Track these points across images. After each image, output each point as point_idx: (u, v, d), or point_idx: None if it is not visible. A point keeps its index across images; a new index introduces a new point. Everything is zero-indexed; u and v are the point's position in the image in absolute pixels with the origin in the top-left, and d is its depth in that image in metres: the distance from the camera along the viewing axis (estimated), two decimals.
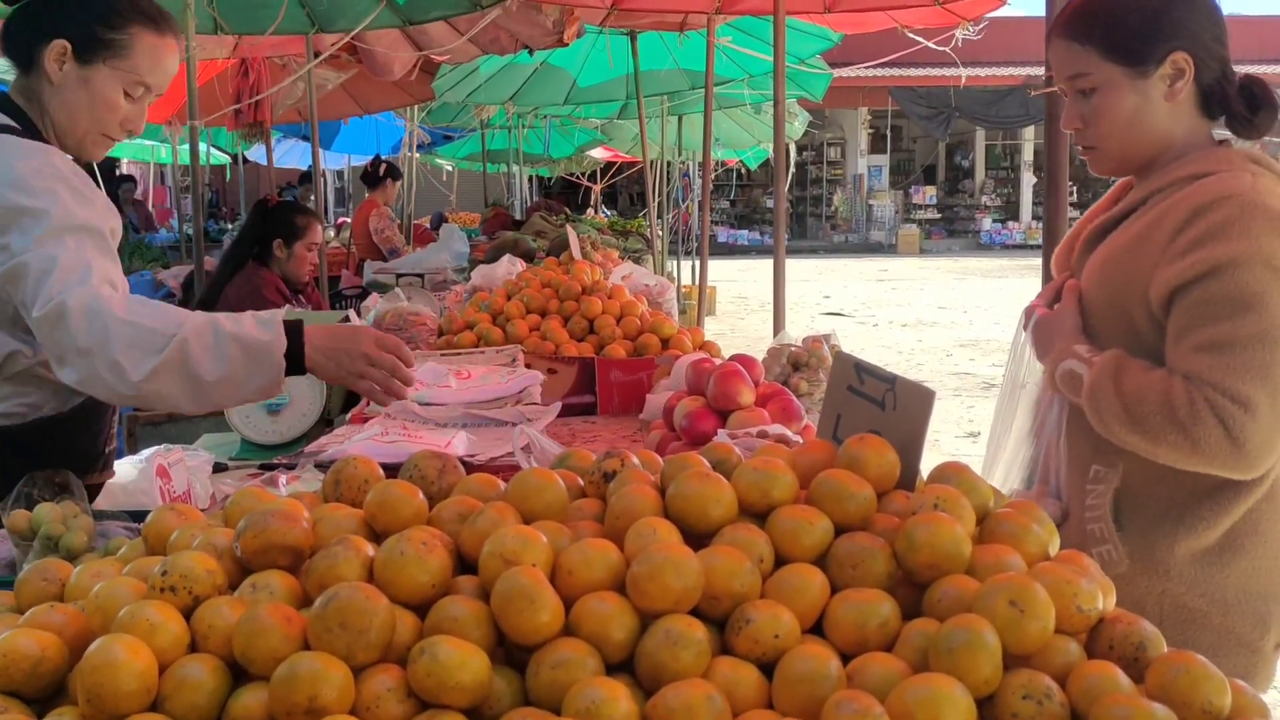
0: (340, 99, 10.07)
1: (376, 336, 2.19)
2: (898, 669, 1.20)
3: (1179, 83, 1.98)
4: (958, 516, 1.36)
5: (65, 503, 1.85)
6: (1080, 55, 2.00)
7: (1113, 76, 1.98)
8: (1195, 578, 1.95)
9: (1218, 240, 1.84)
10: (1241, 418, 1.79)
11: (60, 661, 1.23)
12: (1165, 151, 2.03)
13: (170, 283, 8.78)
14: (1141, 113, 1.99)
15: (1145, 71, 1.97)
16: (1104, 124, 2.02)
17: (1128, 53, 1.97)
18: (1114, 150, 2.04)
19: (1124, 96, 1.99)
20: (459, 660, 1.15)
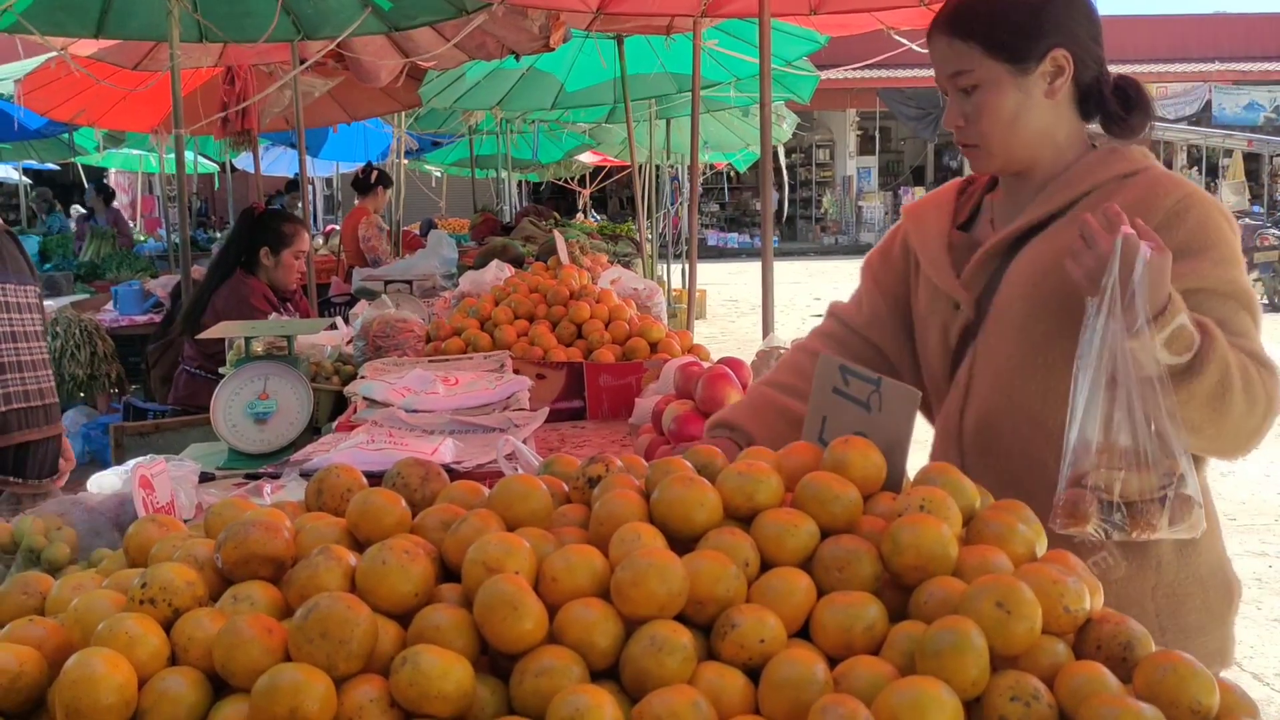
0: (327, 106, 10.04)
1: None
2: (884, 672, 1.19)
3: (1059, 80, 1.99)
4: (944, 518, 1.35)
5: (48, 515, 1.83)
6: (962, 52, 1.99)
7: (995, 74, 1.98)
8: (1179, 562, 1.95)
9: (1208, 246, 1.85)
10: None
11: (39, 675, 1.21)
12: (1047, 149, 2.03)
13: (158, 292, 8.74)
14: (1023, 110, 1.99)
15: (1026, 69, 1.97)
16: (986, 121, 2.00)
17: (1010, 50, 1.97)
18: (997, 148, 2.03)
19: (1006, 94, 1.98)
20: (442, 669, 1.14)
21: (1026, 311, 1.97)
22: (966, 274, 2.06)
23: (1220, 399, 1.75)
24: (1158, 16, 31.71)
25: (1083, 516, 1.67)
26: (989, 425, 2.01)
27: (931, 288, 2.14)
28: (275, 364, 3.34)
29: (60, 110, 9.66)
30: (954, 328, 2.08)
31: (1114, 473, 1.66)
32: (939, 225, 2.17)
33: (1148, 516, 1.71)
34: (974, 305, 2.04)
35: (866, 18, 7.07)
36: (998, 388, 2.00)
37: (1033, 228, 2.01)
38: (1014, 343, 1.98)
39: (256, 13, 6.69)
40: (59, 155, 16.43)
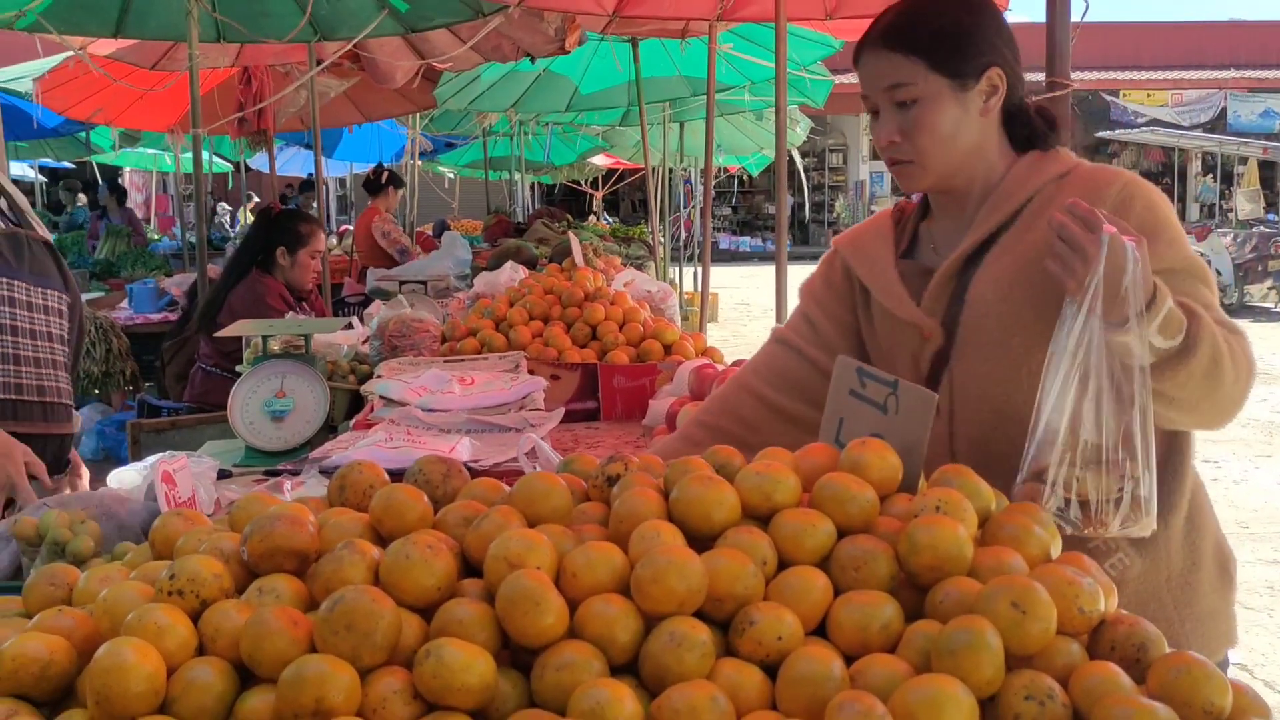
0: (343, 107, 10.08)
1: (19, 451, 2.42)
2: (900, 670, 1.21)
3: (993, 99, 2.00)
4: (960, 519, 1.37)
5: (72, 510, 1.86)
6: (904, 66, 1.97)
7: (936, 88, 1.97)
8: (1186, 549, 1.97)
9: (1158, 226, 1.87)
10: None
11: (69, 665, 1.24)
12: (980, 166, 2.04)
13: (173, 290, 8.77)
14: (961, 126, 1.99)
15: (967, 85, 1.98)
16: (925, 136, 1.99)
17: (952, 66, 1.97)
18: (934, 164, 2.02)
19: (946, 109, 1.98)
20: (465, 662, 1.15)
21: (1001, 326, 1.95)
22: (927, 301, 2.04)
23: (1214, 373, 1.77)
24: (1173, 23, 31.66)
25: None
26: (982, 445, 1.98)
27: (890, 320, 2.11)
28: (292, 362, 3.36)
29: (78, 109, 9.72)
30: (924, 356, 2.05)
31: (1075, 470, 1.67)
32: (884, 255, 2.15)
33: (1101, 516, 1.71)
34: (941, 330, 2.02)
35: None
36: (985, 407, 1.98)
37: (983, 244, 2.00)
38: (993, 360, 1.96)
39: (274, 13, 6.72)
40: (75, 153, 16.50)
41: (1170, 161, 29.26)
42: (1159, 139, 24.74)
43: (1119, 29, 28.53)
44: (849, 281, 2.21)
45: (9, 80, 10.19)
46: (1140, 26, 30.43)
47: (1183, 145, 25.70)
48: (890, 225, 2.20)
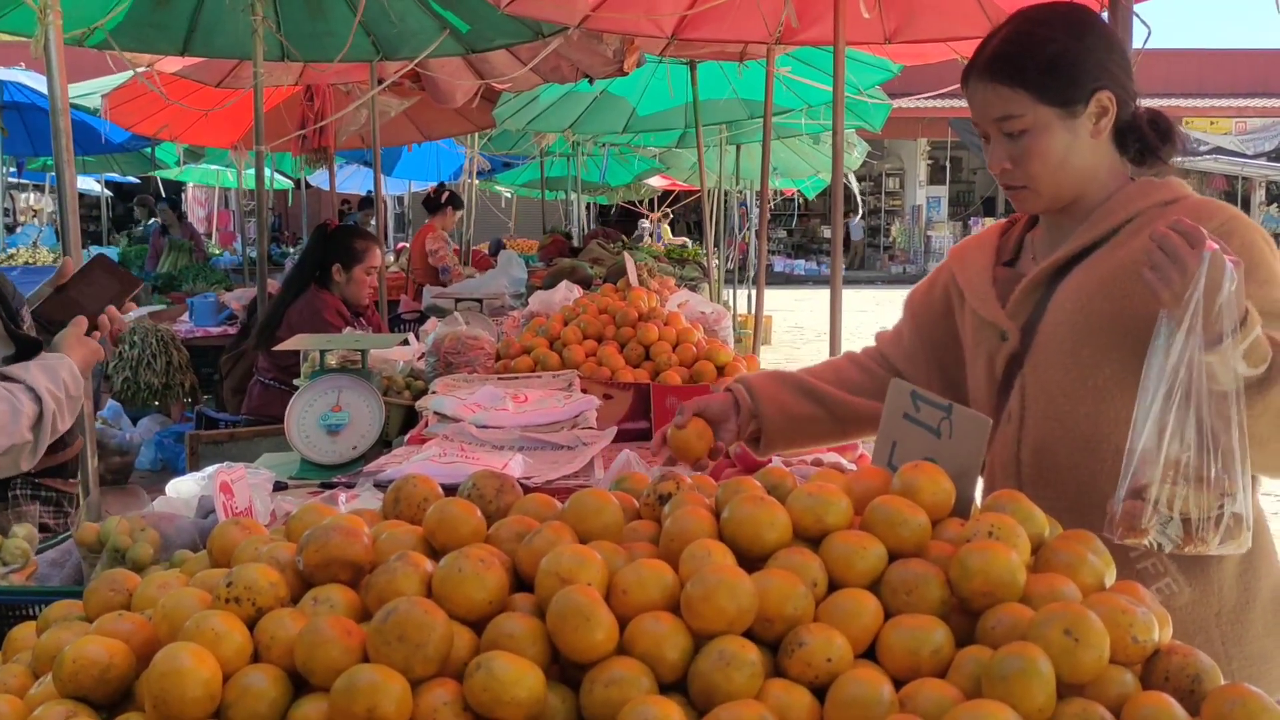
0: (402, 125, 10.19)
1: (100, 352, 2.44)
2: (950, 695, 1.20)
3: (1104, 120, 2.01)
4: (1012, 544, 1.36)
5: (132, 517, 1.89)
6: (1009, 98, 2.00)
7: (1045, 118, 1.99)
8: (1240, 587, 1.94)
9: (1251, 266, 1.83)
10: None
11: (128, 669, 1.26)
12: (1092, 185, 2.05)
13: (233, 305, 8.89)
14: (1071, 151, 2.01)
15: (1075, 111, 1.99)
16: (1035, 164, 2.01)
17: (1059, 95, 1.98)
18: (1045, 189, 2.04)
19: (1056, 137, 2.00)
20: (515, 676, 1.16)
21: (1074, 336, 1.98)
22: (1012, 303, 2.08)
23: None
24: (1237, 50, 31.29)
25: (1141, 529, 1.68)
26: (1045, 453, 2.01)
27: (977, 320, 2.15)
28: (349, 377, 3.40)
29: (144, 125, 9.90)
30: (1000, 358, 2.08)
31: (1175, 488, 1.66)
32: (982, 262, 2.19)
33: (1202, 533, 1.71)
34: (1019, 334, 2.05)
35: (941, 47, 7.06)
36: (1051, 415, 2.00)
37: (1075, 256, 2.03)
38: (1063, 368, 1.99)
39: (337, 33, 6.82)
40: (140, 169, 16.81)
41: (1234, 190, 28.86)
42: (1222, 167, 24.46)
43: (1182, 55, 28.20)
44: (947, 292, 2.27)
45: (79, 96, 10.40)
46: (1204, 53, 30.08)
47: (1246, 174, 25.37)
48: (995, 235, 2.25)
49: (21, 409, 2.15)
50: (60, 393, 2.22)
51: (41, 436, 2.18)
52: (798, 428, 2.30)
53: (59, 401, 2.22)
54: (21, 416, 2.14)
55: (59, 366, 2.27)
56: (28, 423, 2.15)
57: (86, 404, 2.60)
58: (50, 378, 2.23)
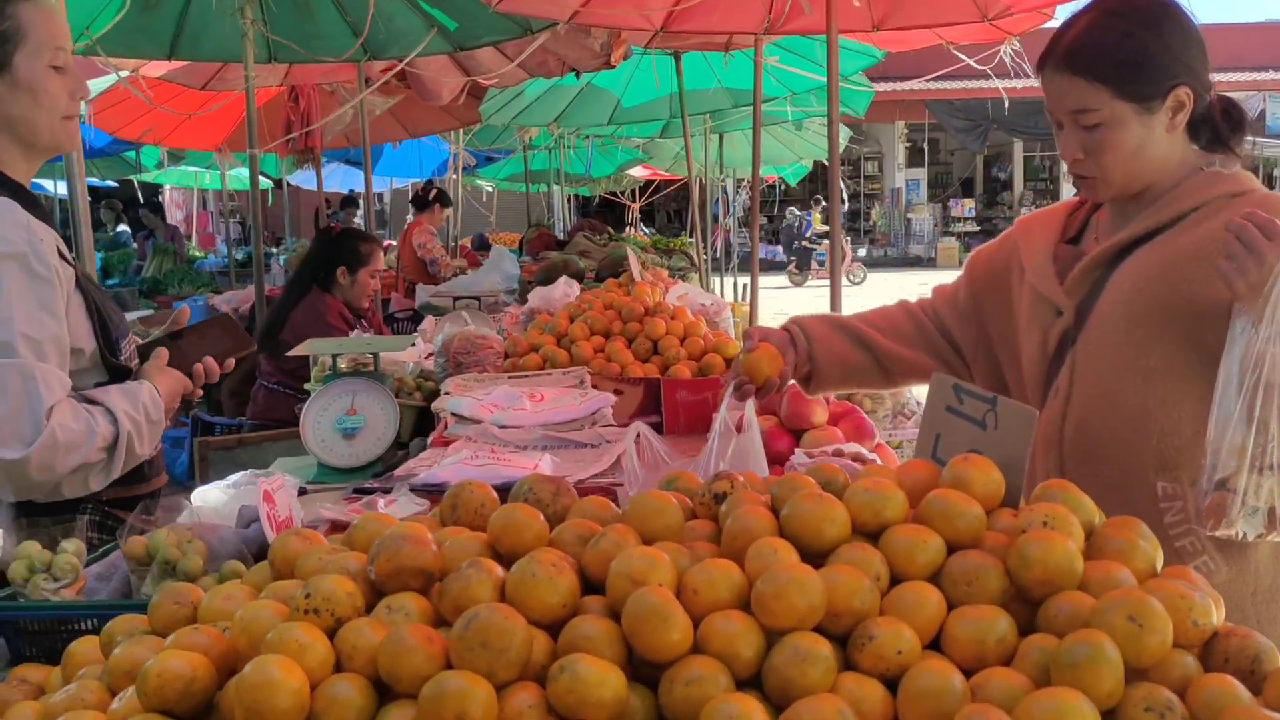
0: (387, 123, 10.19)
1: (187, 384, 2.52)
2: (1019, 683, 1.23)
3: (1179, 115, 2.04)
4: (1068, 534, 1.39)
5: (179, 529, 1.91)
6: (1088, 91, 2.03)
7: (1121, 113, 2.02)
8: (1276, 568, 1.98)
9: None
10: None
11: (210, 681, 1.28)
12: (1162, 175, 2.08)
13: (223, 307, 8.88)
14: (1145, 145, 2.04)
15: (1153, 108, 2.02)
16: (1109, 157, 2.05)
17: (1138, 91, 2.01)
18: (1116, 180, 2.08)
19: (1131, 131, 2.03)
20: (599, 677, 1.19)
21: (1128, 316, 2.02)
22: (1070, 281, 2.13)
23: None
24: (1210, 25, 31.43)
25: (1229, 519, 1.73)
26: (1089, 431, 2.05)
27: (1034, 295, 2.20)
28: (362, 380, 3.41)
29: (128, 129, 9.88)
30: (1053, 333, 2.14)
31: (1261, 477, 1.71)
32: (1046, 238, 2.24)
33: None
34: (1075, 311, 2.10)
35: (926, 33, 7.11)
36: (1099, 393, 2.05)
37: (1137, 239, 2.06)
38: (1115, 347, 2.04)
39: (326, 34, 6.82)
40: (121, 172, 16.74)
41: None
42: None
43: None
44: (1010, 260, 2.32)
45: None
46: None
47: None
48: (1063, 213, 2.29)
49: (97, 429, 2.16)
50: (139, 415, 2.24)
51: (115, 458, 2.19)
52: (847, 374, 2.40)
53: (137, 424, 2.24)
54: (96, 437, 2.16)
55: (139, 390, 2.29)
56: (101, 443, 2.17)
57: None
58: (130, 402, 2.25)
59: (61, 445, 2.12)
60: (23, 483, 2.15)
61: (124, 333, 2.45)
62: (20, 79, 2.25)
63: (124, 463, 2.26)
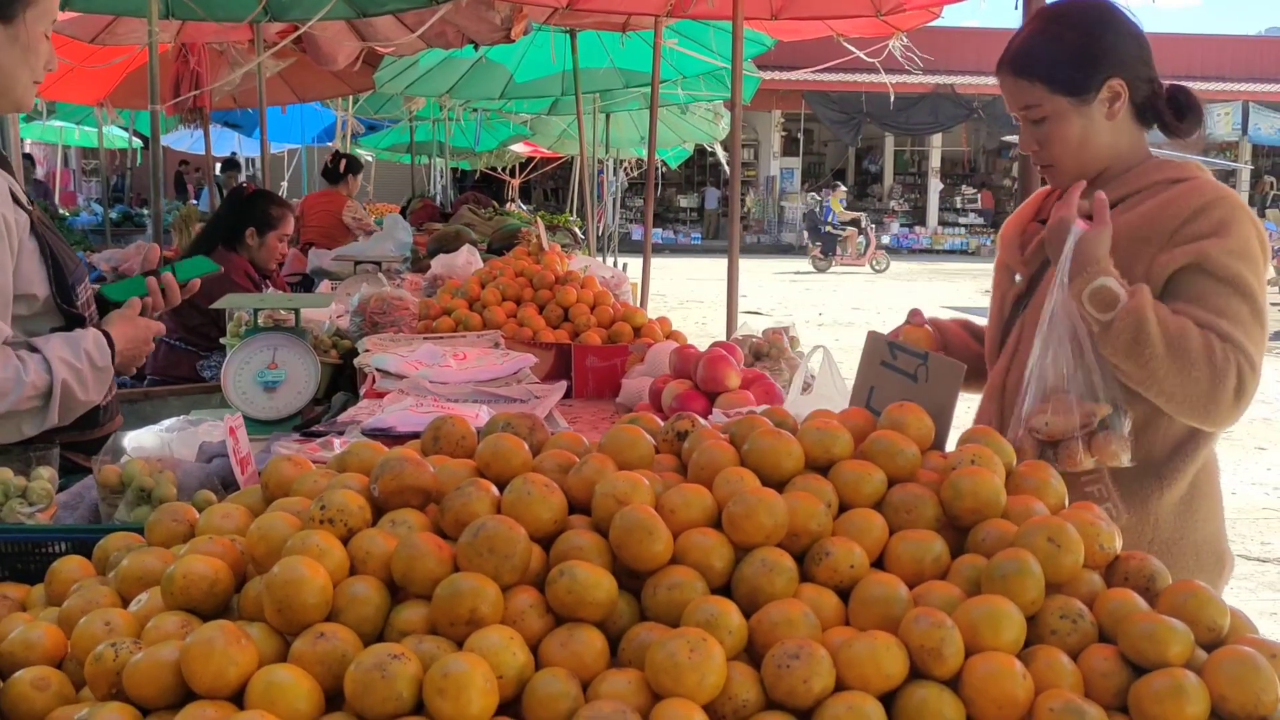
0: (276, 86, 10.08)
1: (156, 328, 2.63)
2: (955, 594, 1.42)
3: (1116, 104, 2.29)
4: (993, 470, 1.58)
5: (149, 459, 2.00)
6: (1028, 90, 2.29)
7: (1059, 107, 2.28)
8: (1173, 525, 2.23)
9: (1226, 229, 2.16)
10: (1250, 380, 2.10)
11: (230, 583, 1.40)
12: (1114, 160, 2.34)
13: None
14: (1088, 134, 2.30)
15: (1087, 99, 2.27)
16: (1056, 147, 2.31)
17: (1070, 85, 2.27)
18: (1069, 167, 2.33)
19: (1071, 122, 2.28)
20: (594, 580, 1.34)
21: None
22: (1028, 252, 2.40)
23: (1136, 353, 2.05)
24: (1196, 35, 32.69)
25: (1113, 452, 2.03)
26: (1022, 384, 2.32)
27: (1001, 264, 2.50)
28: (283, 335, 3.48)
29: None
30: (1009, 297, 2.42)
31: (1044, 416, 2.04)
32: (1024, 217, 2.51)
33: (1069, 452, 2.05)
34: (1028, 280, 2.38)
35: (820, 25, 7.36)
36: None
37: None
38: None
39: None
40: None
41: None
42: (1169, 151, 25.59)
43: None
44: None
45: None
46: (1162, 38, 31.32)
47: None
48: (1042, 195, 2.54)
49: (26, 378, 2.21)
50: (80, 363, 2.29)
51: (50, 405, 2.24)
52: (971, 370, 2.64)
53: (77, 372, 2.28)
54: (25, 385, 2.21)
55: (82, 338, 2.34)
56: (32, 391, 2.22)
57: None
58: (71, 350, 2.29)
59: None
60: None
61: (79, 278, 2.50)
62: (20, 35, 2.33)
63: (64, 409, 2.31)
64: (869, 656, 1.28)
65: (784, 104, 30.78)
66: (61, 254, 2.44)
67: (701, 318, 16.57)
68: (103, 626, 1.36)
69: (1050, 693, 1.29)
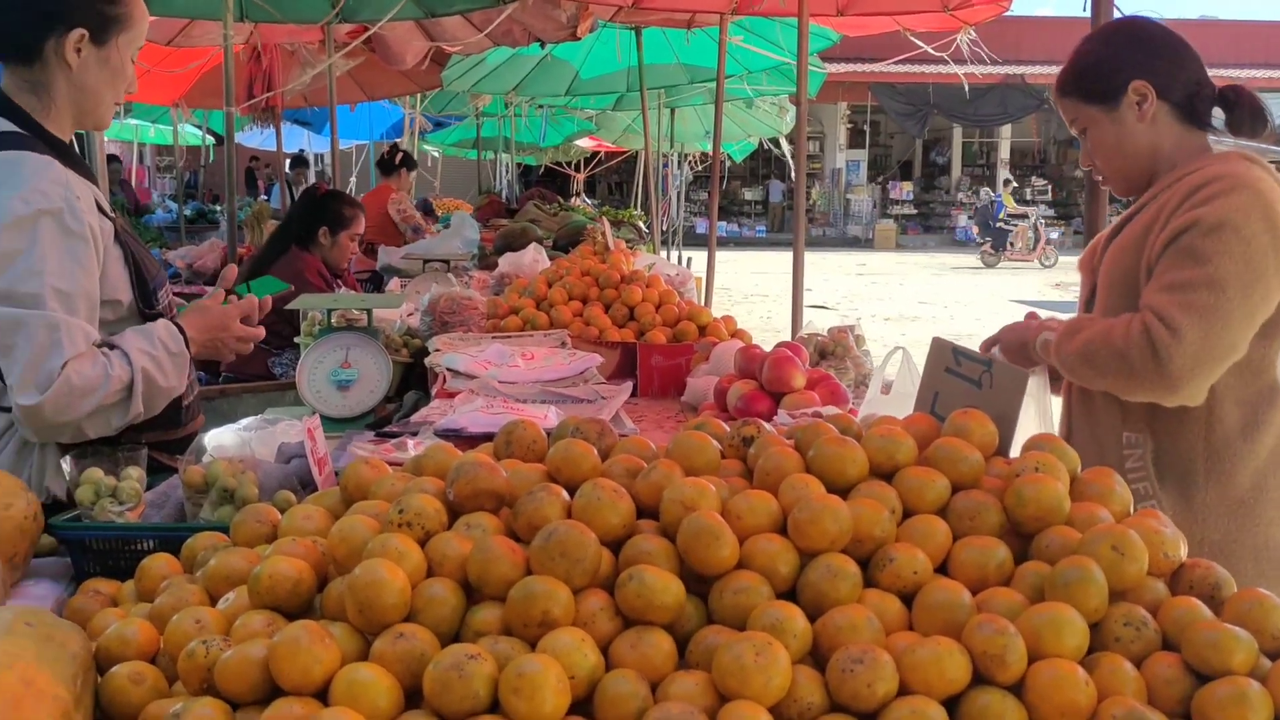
0: (346, 85, 10.24)
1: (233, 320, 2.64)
2: (1018, 600, 1.44)
3: (1145, 104, 2.37)
4: (1057, 477, 1.60)
5: (231, 460, 2.06)
6: (1069, 106, 2.46)
7: (1094, 116, 2.42)
8: (1228, 527, 2.25)
9: (1203, 204, 2.22)
10: (1168, 340, 2.13)
11: (312, 583, 1.45)
12: (1157, 161, 2.41)
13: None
14: (1123, 137, 2.40)
15: (1115, 104, 2.39)
16: (1100, 155, 2.45)
17: (1097, 94, 2.40)
18: (1115, 172, 2.46)
19: (1106, 129, 2.42)
20: (663, 584, 1.38)
21: (1106, 286, 2.40)
22: (1097, 259, 2.50)
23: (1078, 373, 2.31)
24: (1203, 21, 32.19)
25: None
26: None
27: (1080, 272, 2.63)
28: (356, 335, 3.56)
29: None
30: (1083, 300, 2.55)
31: None
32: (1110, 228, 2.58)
33: None
34: (1091, 284, 2.50)
35: (886, 19, 7.34)
36: None
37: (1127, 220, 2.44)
38: (1100, 313, 2.40)
39: None
40: None
41: None
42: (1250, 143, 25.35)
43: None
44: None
45: None
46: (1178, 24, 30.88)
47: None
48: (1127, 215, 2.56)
49: (112, 372, 2.30)
50: (155, 350, 2.37)
51: (134, 394, 2.32)
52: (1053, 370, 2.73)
53: (154, 359, 2.37)
54: (111, 380, 2.29)
55: (154, 327, 2.42)
56: (118, 385, 2.30)
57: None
58: (145, 339, 2.38)
59: (76, 390, 2.25)
60: (40, 426, 2.29)
61: (160, 283, 2.58)
62: (111, 58, 2.44)
63: (147, 397, 2.38)
64: (932, 661, 1.31)
65: (850, 95, 30.61)
66: (143, 260, 2.53)
67: (766, 312, 16.55)
68: (193, 624, 1.42)
69: (1113, 700, 1.31)
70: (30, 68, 2.41)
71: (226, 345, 2.64)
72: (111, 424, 2.35)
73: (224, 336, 2.62)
